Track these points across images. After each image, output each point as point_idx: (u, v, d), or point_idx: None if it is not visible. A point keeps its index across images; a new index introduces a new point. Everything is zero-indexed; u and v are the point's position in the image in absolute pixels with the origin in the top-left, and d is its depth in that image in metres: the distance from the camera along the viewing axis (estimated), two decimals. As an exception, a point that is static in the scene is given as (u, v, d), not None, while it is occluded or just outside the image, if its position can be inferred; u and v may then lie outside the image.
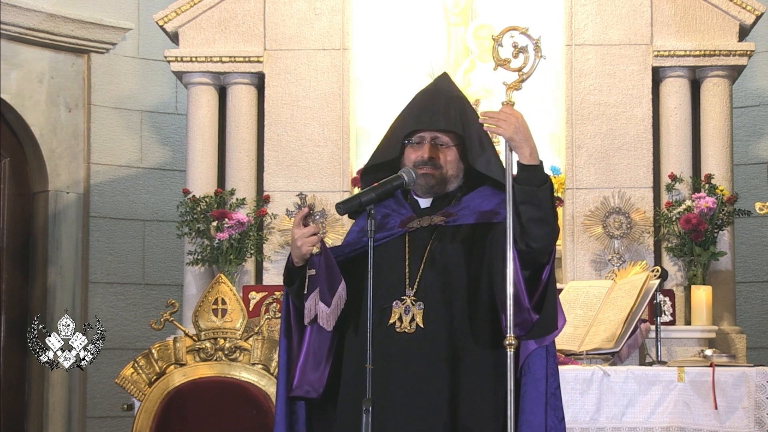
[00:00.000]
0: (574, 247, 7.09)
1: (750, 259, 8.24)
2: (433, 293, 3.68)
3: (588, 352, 6.07)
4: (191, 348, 5.32)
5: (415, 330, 3.65)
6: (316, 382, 3.76)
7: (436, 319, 3.66)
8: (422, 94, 3.90)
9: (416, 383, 3.61)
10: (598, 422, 5.66)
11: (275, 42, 7.32)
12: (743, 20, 7.20)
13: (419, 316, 3.66)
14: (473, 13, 7.66)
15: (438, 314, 3.66)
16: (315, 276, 3.67)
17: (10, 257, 7.97)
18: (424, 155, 3.77)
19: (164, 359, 5.30)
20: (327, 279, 3.68)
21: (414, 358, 3.62)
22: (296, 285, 3.72)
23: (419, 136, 3.79)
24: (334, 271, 3.69)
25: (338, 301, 3.69)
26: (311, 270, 3.67)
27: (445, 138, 3.79)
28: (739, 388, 5.57)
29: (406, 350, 3.61)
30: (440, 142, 3.79)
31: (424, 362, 3.63)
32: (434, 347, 3.64)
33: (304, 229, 3.65)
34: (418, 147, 3.78)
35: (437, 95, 3.86)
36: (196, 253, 7.09)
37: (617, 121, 7.18)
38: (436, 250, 3.73)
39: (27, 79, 7.99)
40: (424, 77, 7.55)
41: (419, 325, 3.65)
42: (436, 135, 3.78)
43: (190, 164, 7.33)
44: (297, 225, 3.65)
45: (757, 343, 7.92)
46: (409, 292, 3.68)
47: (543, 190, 3.60)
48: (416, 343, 3.63)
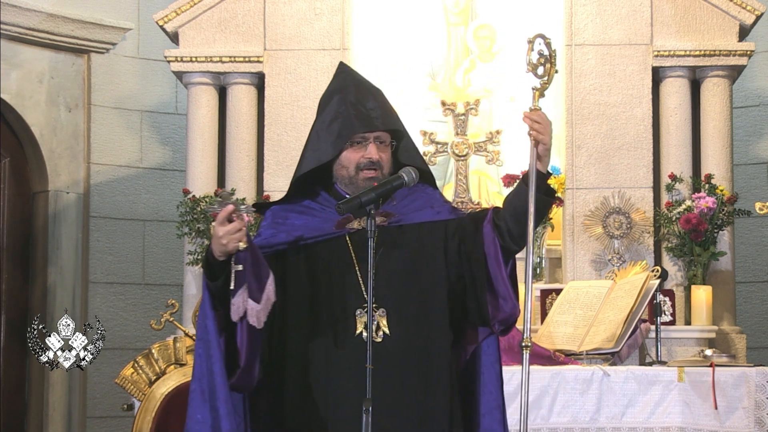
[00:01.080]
0: (574, 247, 7.09)
1: (750, 259, 8.24)
2: (392, 298, 3.60)
3: (588, 352, 6.07)
4: (191, 348, 5.32)
5: (382, 338, 3.57)
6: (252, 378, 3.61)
7: (401, 324, 3.59)
8: (345, 90, 3.73)
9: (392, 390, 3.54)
10: (598, 422, 5.67)
11: (275, 42, 7.32)
12: (743, 20, 7.20)
13: (384, 322, 3.58)
14: (473, 13, 7.66)
15: (401, 319, 3.60)
16: (241, 272, 3.51)
17: (10, 257, 7.97)
18: (372, 157, 3.64)
19: (164, 359, 5.30)
20: (254, 275, 3.52)
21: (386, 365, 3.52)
22: (221, 281, 3.55)
23: (361, 136, 3.66)
24: (261, 267, 3.54)
25: (267, 297, 3.53)
26: (238, 266, 3.51)
27: (385, 136, 3.68)
28: (739, 388, 5.57)
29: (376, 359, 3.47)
30: (381, 141, 3.67)
31: (397, 368, 3.57)
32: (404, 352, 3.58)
33: (228, 226, 3.46)
34: (360, 147, 3.65)
35: (363, 89, 3.74)
36: (196, 253, 7.09)
37: (617, 121, 7.18)
38: (386, 253, 3.62)
39: (27, 79, 7.99)
40: (424, 77, 7.57)
41: (385, 332, 3.58)
42: (378, 134, 3.67)
43: (190, 164, 7.33)
44: (221, 222, 3.47)
45: (757, 343, 7.92)
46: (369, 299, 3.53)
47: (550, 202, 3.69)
48: (386, 350, 3.55)
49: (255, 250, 3.54)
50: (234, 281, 3.52)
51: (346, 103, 3.69)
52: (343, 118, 3.68)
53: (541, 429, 5.68)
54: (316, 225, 3.69)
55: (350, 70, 3.89)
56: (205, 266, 3.61)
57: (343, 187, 3.70)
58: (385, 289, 3.59)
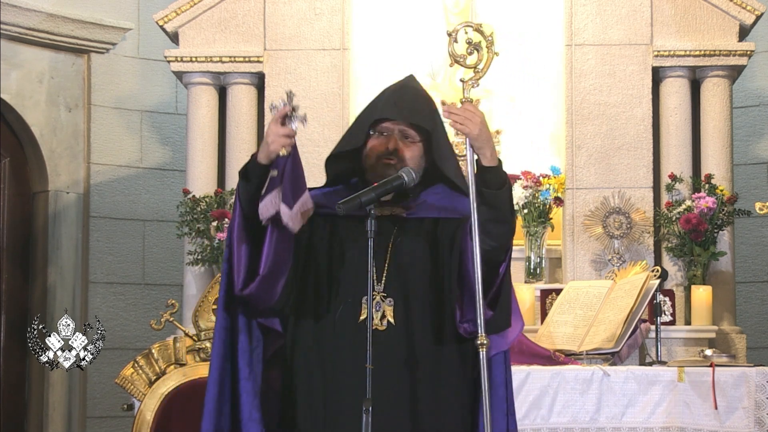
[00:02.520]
0: (574, 247, 7.09)
1: (750, 259, 8.24)
2: (402, 288, 3.60)
3: (588, 352, 6.07)
4: (191, 348, 5.32)
5: (386, 327, 3.58)
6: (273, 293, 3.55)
7: (407, 315, 3.59)
8: (391, 89, 3.78)
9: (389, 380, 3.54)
10: (598, 422, 5.67)
11: (275, 42, 7.32)
12: (743, 20, 7.20)
13: (390, 312, 3.59)
14: (473, 13, 7.65)
15: (408, 310, 3.60)
16: (276, 178, 3.45)
17: (10, 257, 7.97)
18: (389, 146, 3.65)
19: (164, 359, 5.30)
20: (291, 184, 3.47)
21: (386, 355, 3.53)
22: (254, 183, 3.50)
23: (386, 127, 3.68)
24: (300, 180, 3.49)
25: (303, 203, 3.48)
26: (273, 171, 3.44)
27: (411, 132, 3.68)
28: (739, 388, 5.57)
29: (378, 347, 3.47)
30: (406, 136, 3.68)
31: (397, 359, 3.57)
32: (406, 343, 3.58)
33: (280, 128, 3.46)
34: (384, 138, 3.67)
35: (407, 90, 3.76)
36: (196, 253, 7.09)
37: (617, 121, 7.18)
38: (401, 243, 3.64)
39: (27, 79, 7.99)
40: (424, 77, 7.56)
41: (390, 321, 3.59)
42: (403, 128, 3.68)
43: (190, 164, 7.33)
44: (275, 121, 3.47)
45: (757, 343, 7.92)
46: (378, 288, 3.59)
47: (503, 192, 3.55)
48: (388, 339, 3.56)
49: (296, 161, 3.50)
50: (267, 186, 3.45)
51: (382, 97, 3.75)
52: (373, 105, 3.74)
53: (541, 429, 5.68)
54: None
55: (412, 78, 3.89)
56: (243, 169, 3.56)
57: (368, 176, 3.71)
58: (396, 278, 3.61)
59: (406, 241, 3.65)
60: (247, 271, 3.55)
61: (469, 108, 3.55)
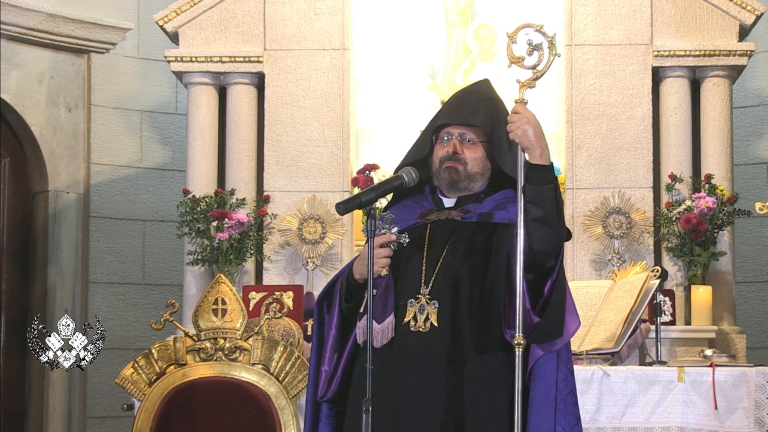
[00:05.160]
0: (574, 247, 7.09)
1: (750, 259, 8.24)
2: (448, 292, 3.66)
3: (588, 352, 6.07)
4: (191, 348, 5.32)
5: (429, 329, 3.64)
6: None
7: (451, 319, 3.64)
8: (455, 94, 3.93)
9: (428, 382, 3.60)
10: (598, 422, 5.66)
11: (275, 42, 7.32)
12: (743, 20, 7.20)
13: (434, 315, 3.65)
14: (473, 13, 7.65)
15: (453, 314, 3.64)
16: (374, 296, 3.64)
17: (10, 257, 7.97)
18: (449, 150, 3.76)
19: (164, 359, 5.30)
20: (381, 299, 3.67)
21: (427, 357, 3.61)
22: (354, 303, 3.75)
23: (447, 132, 3.79)
24: (390, 292, 3.69)
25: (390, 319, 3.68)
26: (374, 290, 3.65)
27: (471, 134, 3.77)
28: (739, 388, 5.57)
29: (419, 349, 3.60)
30: (467, 138, 3.77)
31: (437, 361, 3.61)
32: (448, 347, 3.62)
33: (382, 250, 3.63)
34: (446, 143, 3.78)
35: (470, 94, 3.87)
36: (196, 253, 7.10)
37: (617, 121, 7.18)
38: (455, 247, 3.71)
39: (27, 79, 7.99)
40: (424, 77, 7.57)
41: (433, 324, 3.64)
42: (463, 131, 3.77)
43: (190, 164, 7.33)
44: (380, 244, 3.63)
45: (757, 343, 7.92)
46: (425, 290, 3.67)
47: (546, 191, 3.60)
48: (430, 342, 3.62)
49: (390, 278, 3.69)
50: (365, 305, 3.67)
51: (446, 103, 3.93)
52: (438, 112, 3.90)
53: (541, 429, 5.67)
54: (405, 216, 3.82)
55: (483, 81, 3.98)
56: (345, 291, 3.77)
57: (435, 182, 3.85)
58: (443, 282, 3.67)
59: (459, 246, 3.71)
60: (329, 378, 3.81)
61: (517, 109, 3.63)
